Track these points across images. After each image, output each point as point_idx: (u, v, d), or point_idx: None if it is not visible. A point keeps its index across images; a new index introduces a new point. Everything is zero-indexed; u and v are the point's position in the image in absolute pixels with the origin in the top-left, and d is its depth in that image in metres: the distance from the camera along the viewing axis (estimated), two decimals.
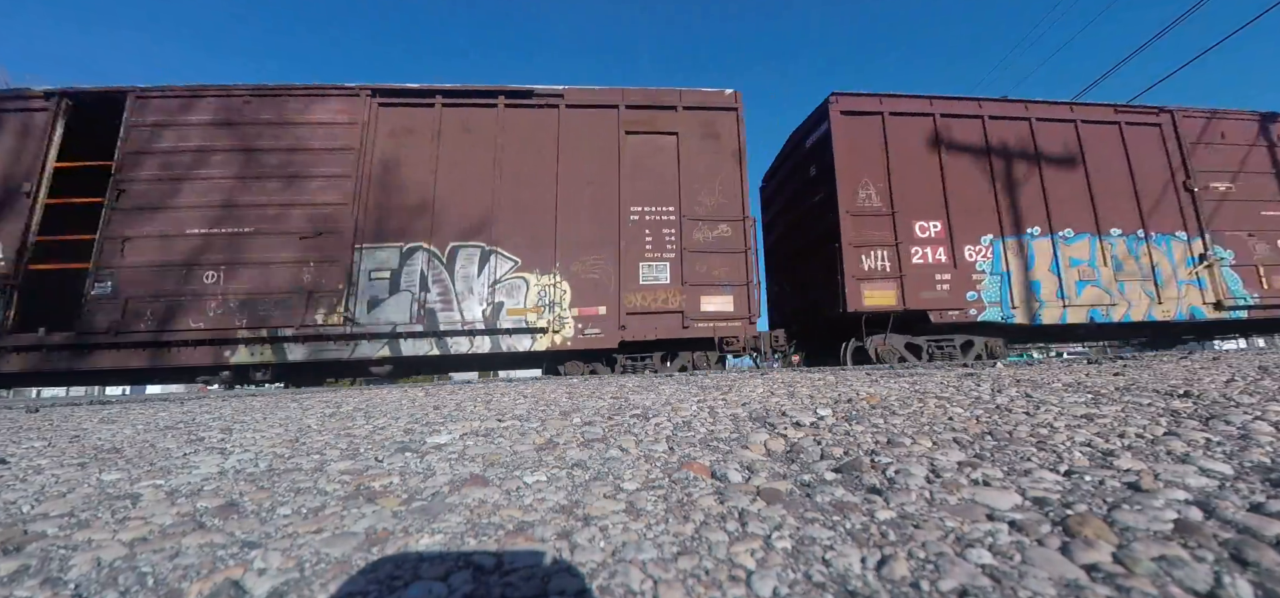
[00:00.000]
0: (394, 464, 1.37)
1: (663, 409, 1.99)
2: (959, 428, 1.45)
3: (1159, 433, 1.27)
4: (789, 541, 0.82)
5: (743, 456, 1.31)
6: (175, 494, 1.17)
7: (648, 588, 0.70)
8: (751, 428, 1.60)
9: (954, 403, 1.81)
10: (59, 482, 1.32)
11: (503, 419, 1.96)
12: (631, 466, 1.27)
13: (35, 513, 1.07)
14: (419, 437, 1.71)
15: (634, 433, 1.61)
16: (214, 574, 0.77)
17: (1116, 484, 0.96)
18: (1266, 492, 0.88)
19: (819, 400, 2.01)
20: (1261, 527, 0.75)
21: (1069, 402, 1.70)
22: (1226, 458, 1.06)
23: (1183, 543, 0.72)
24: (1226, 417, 1.36)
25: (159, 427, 2.17)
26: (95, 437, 1.98)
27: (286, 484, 1.23)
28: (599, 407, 2.14)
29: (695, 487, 1.10)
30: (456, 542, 0.87)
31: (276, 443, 1.71)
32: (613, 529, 0.89)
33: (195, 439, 1.84)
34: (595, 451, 1.43)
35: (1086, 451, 1.17)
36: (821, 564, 0.74)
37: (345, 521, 0.97)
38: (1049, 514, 0.85)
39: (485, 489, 1.13)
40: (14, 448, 1.80)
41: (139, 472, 1.39)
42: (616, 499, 1.04)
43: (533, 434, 1.66)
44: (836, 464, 1.20)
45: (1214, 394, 1.69)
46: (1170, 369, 2.51)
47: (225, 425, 2.13)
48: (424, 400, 2.72)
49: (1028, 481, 1.01)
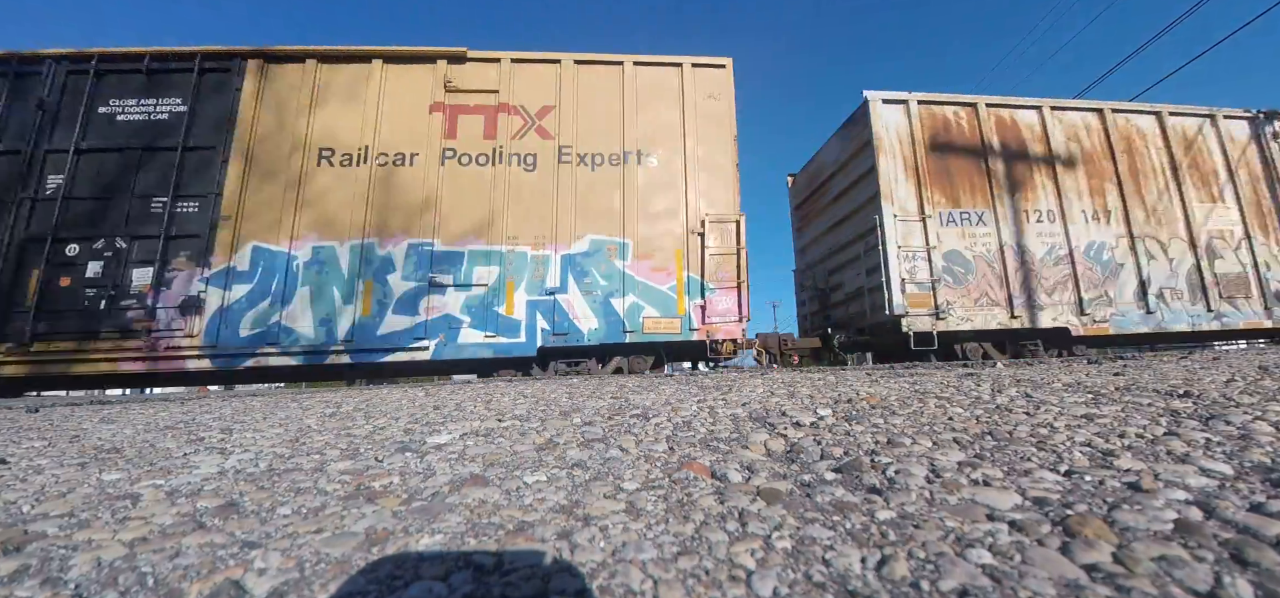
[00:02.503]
0: (394, 464, 1.37)
1: (663, 409, 1.99)
2: (959, 428, 1.45)
3: (1159, 433, 1.27)
4: (789, 541, 0.82)
5: (743, 455, 1.31)
6: (175, 494, 1.17)
7: (648, 588, 0.70)
8: (751, 428, 1.60)
9: (954, 403, 1.81)
10: (59, 482, 1.32)
11: (503, 419, 1.96)
12: (631, 465, 1.27)
13: (35, 513, 1.07)
14: (419, 437, 1.71)
15: (634, 433, 1.61)
16: (214, 574, 0.77)
17: (1116, 484, 0.96)
18: (1266, 492, 0.88)
19: (819, 400, 2.01)
20: (1262, 527, 0.75)
21: (1069, 402, 1.70)
22: (1227, 458, 1.06)
23: (1183, 543, 0.72)
24: (1226, 417, 1.36)
25: (159, 427, 2.17)
26: (95, 437, 1.98)
27: (286, 484, 1.23)
28: (599, 407, 2.14)
29: (695, 487, 1.10)
30: (456, 542, 0.87)
31: (276, 443, 1.71)
32: (613, 529, 0.89)
33: (195, 439, 1.84)
34: (595, 450, 1.43)
35: (1086, 450, 1.17)
36: (821, 564, 0.74)
37: (345, 521, 0.97)
38: (1049, 514, 0.85)
39: (485, 489, 1.13)
40: (14, 448, 1.80)
41: (139, 472, 1.39)
42: (616, 499, 1.04)
43: (533, 434, 1.66)
44: (836, 464, 1.20)
45: (1214, 394, 1.69)
46: (1170, 369, 2.51)
47: (225, 426, 2.13)
48: (424, 401, 2.72)
49: (1028, 481, 1.01)
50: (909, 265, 6.20)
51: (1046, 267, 6.46)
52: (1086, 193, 6.81)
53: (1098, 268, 6.55)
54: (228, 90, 5.67)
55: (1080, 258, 6.52)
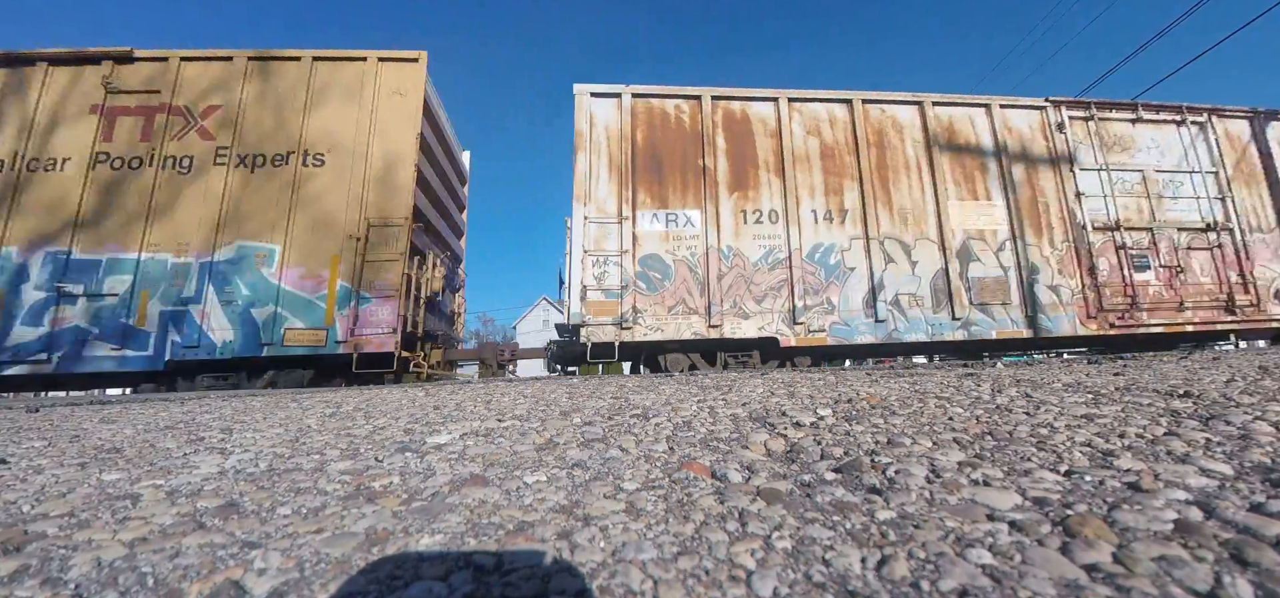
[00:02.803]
0: (394, 464, 1.37)
1: (663, 409, 1.99)
2: (959, 428, 1.45)
3: (1159, 433, 1.27)
4: (789, 541, 0.82)
5: (743, 456, 1.31)
6: (175, 494, 1.17)
7: (648, 588, 0.70)
8: (751, 428, 1.60)
9: (954, 403, 1.81)
10: (59, 482, 1.32)
11: (503, 419, 1.96)
12: (631, 465, 1.27)
13: (35, 513, 1.07)
14: (419, 437, 1.71)
15: (634, 433, 1.61)
16: (214, 574, 0.77)
17: (1116, 484, 0.96)
18: (1267, 492, 0.88)
19: (819, 401, 2.01)
20: (1262, 527, 0.75)
21: (1069, 402, 1.70)
22: (1226, 458, 1.06)
23: (1183, 543, 0.72)
24: (1226, 417, 1.36)
25: (159, 427, 2.17)
26: (95, 437, 1.98)
27: (286, 484, 1.23)
28: (599, 407, 2.14)
29: (695, 487, 1.10)
30: (457, 542, 0.87)
31: (277, 443, 1.71)
32: (613, 529, 0.89)
33: (195, 439, 1.84)
34: (595, 450, 1.43)
35: (1086, 451, 1.17)
36: (821, 564, 0.74)
37: (345, 521, 0.97)
38: (1049, 514, 0.85)
39: (485, 489, 1.13)
40: (14, 448, 1.80)
41: (139, 472, 1.39)
42: (617, 499, 1.04)
43: (533, 434, 1.66)
44: (836, 464, 1.20)
45: (1214, 394, 1.69)
46: (1170, 369, 2.51)
47: (225, 426, 2.13)
48: (424, 400, 2.72)
49: (1028, 481, 1.01)
50: (598, 271, 5.73)
51: (761, 271, 5.95)
52: (820, 191, 6.29)
53: (821, 272, 6.05)
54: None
55: (801, 262, 6.01)
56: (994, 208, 6.51)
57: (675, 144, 6.25)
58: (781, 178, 6.26)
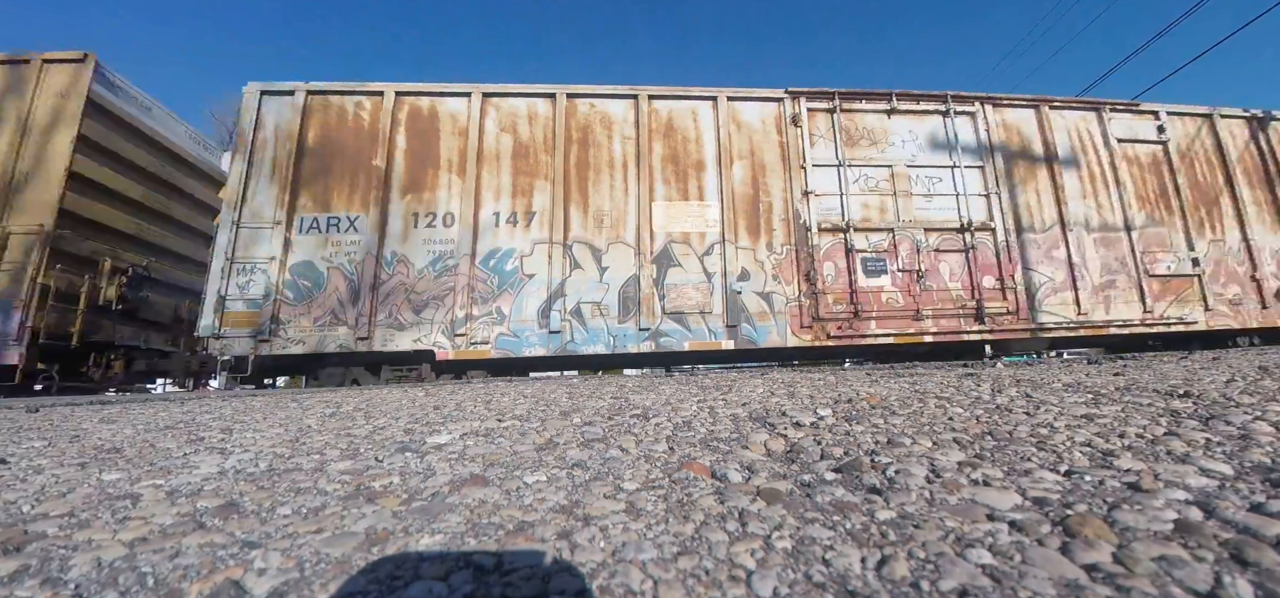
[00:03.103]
0: (394, 464, 1.37)
1: (663, 410, 1.99)
2: (959, 428, 1.45)
3: (1159, 433, 1.27)
4: (789, 541, 0.82)
5: (743, 456, 1.31)
6: (175, 494, 1.17)
7: (648, 588, 0.70)
8: (751, 428, 1.60)
9: (954, 403, 1.81)
10: (59, 482, 1.32)
11: (503, 419, 1.96)
12: (631, 466, 1.27)
13: (35, 513, 1.07)
14: (419, 437, 1.71)
15: (634, 433, 1.61)
16: (214, 574, 0.77)
17: (1116, 484, 0.96)
18: (1267, 492, 0.88)
19: (819, 401, 2.01)
20: (1262, 527, 0.75)
21: (1069, 402, 1.70)
22: (1226, 458, 1.06)
23: (1183, 543, 0.72)
24: (1226, 417, 1.36)
25: (159, 427, 2.17)
26: (95, 437, 1.98)
27: (287, 484, 1.23)
28: (599, 407, 2.15)
29: (695, 487, 1.10)
30: (457, 542, 0.87)
31: (277, 443, 1.71)
32: (613, 529, 0.90)
33: (195, 439, 1.84)
34: (595, 451, 1.43)
35: (1086, 451, 1.17)
36: (821, 564, 0.74)
37: (345, 521, 0.97)
38: (1049, 514, 0.85)
39: (485, 489, 1.13)
40: (14, 448, 1.80)
41: (139, 472, 1.39)
42: (617, 499, 1.04)
43: (533, 434, 1.66)
44: (836, 464, 1.20)
45: (1214, 394, 1.69)
46: (1170, 369, 2.51)
47: (225, 426, 2.13)
48: (424, 400, 2.72)
49: (1028, 481, 1.01)
50: (243, 280, 5.28)
51: (427, 279, 5.44)
52: (507, 192, 5.74)
53: (495, 280, 5.49)
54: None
55: (473, 268, 5.48)
56: (707, 209, 5.95)
57: (350, 144, 5.77)
58: (463, 177, 5.76)
